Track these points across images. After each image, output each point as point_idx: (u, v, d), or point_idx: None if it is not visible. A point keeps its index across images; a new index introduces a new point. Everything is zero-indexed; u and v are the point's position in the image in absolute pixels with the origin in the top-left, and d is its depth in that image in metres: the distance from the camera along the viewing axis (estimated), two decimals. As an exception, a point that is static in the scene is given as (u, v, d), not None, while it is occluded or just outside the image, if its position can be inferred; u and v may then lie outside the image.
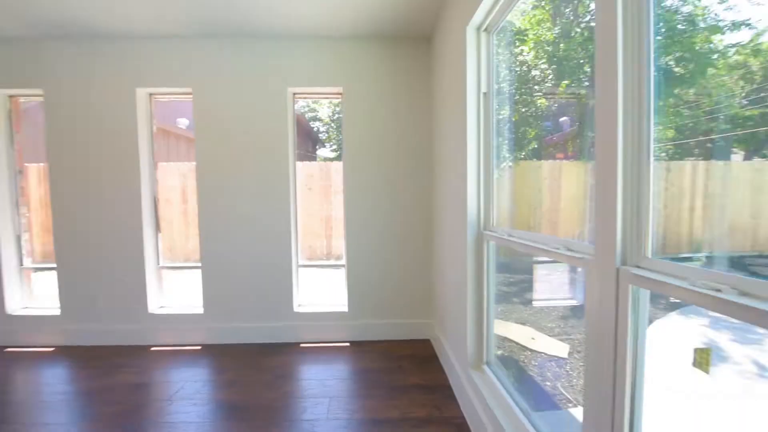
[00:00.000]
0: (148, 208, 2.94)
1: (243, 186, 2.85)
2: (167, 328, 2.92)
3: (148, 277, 2.92)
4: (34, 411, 2.07)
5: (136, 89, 2.83)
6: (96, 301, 2.91)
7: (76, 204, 2.87)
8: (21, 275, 3.05)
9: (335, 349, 2.78)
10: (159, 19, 2.49)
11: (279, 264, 2.89)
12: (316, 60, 2.80)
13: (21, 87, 2.86)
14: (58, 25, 2.58)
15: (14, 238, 3.01)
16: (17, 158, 3.03)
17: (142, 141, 2.87)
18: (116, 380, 2.37)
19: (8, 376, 2.49)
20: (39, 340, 2.94)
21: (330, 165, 3.40)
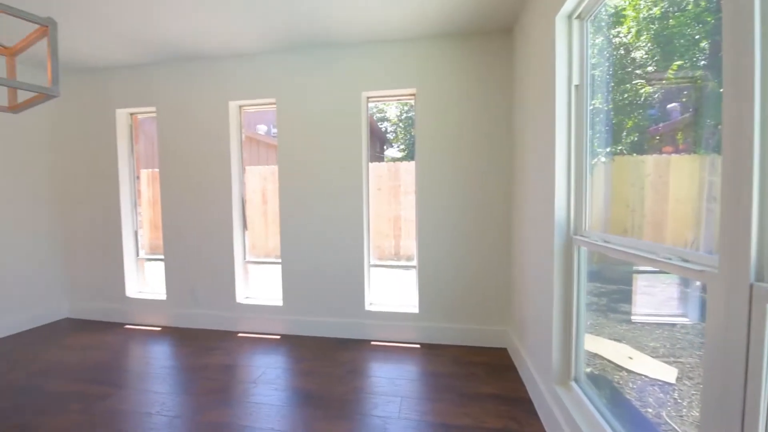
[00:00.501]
0: (237, 208, 3.23)
1: (320, 187, 3.00)
2: (251, 317, 3.18)
3: (237, 270, 3.21)
4: (144, 379, 2.40)
5: (229, 102, 3.14)
6: (195, 290, 3.28)
7: (180, 204, 3.27)
8: (137, 264, 3.57)
9: (405, 350, 2.78)
10: (248, 39, 2.73)
11: (352, 263, 2.97)
12: (389, 63, 2.84)
13: (139, 105, 3.35)
14: (167, 52, 2.98)
15: (132, 233, 3.53)
16: (136, 165, 3.56)
17: (233, 148, 3.18)
18: (210, 360, 2.65)
19: (126, 348, 2.91)
20: (149, 320, 3.40)
21: (399, 165, 3.42)
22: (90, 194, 3.49)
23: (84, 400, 2.15)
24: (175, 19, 2.43)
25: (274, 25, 2.53)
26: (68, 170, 3.53)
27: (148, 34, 2.67)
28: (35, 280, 3.39)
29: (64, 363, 2.65)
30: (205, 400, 2.14)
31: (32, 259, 3.37)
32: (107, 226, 3.47)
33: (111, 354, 2.80)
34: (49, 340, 3.06)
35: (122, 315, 3.47)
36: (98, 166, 3.45)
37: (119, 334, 3.19)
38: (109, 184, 3.43)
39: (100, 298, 3.54)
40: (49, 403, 2.13)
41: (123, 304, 3.48)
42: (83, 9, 2.29)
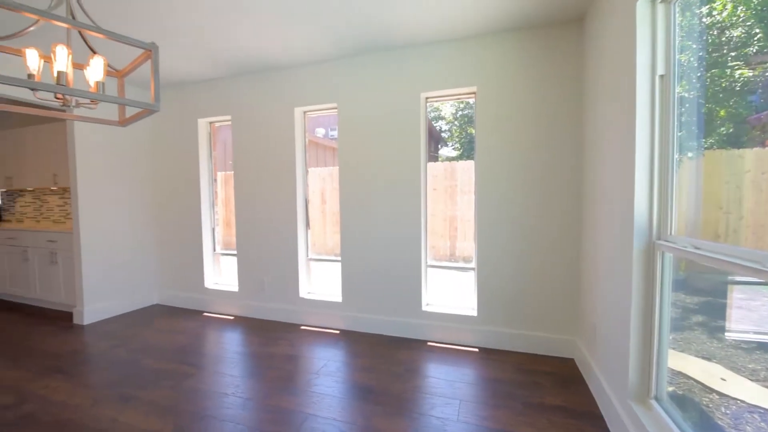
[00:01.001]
0: (301, 208, 3.43)
1: (378, 188, 3.06)
2: (313, 312, 3.35)
3: (300, 266, 3.41)
4: (220, 363, 2.64)
5: (294, 108, 3.33)
6: (263, 283, 3.54)
7: (251, 204, 3.55)
8: (213, 258, 3.94)
9: (463, 353, 2.73)
10: (313, 49, 2.87)
11: (409, 263, 3.00)
12: (449, 62, 2.81)
13: (217, 115, 3.69)
14: (241, 65, 3.25)
15: (210, 230, 3.91)
16: (213, 169, 3.92)
17: (298, 151, 3.37)
18: (276, 350, 2.84)
19: (204, 334, 3.23)
20: (223, 309, 3.74)
21: (455, 165, 3.36)
22: (177, 195, 3.93)
23: (173, 378, 2.43)
24: (248, 37, 2.64)
25: (338, 33, 2.64)
26: (161, 174, 4.01)
27: (226, 52, 2.94)
28: (135, 271, 3.90)
29: (156, 343, 3.01)
30: (272, 386, 2.30)
31: (133, 252, 3.88)
32: (189, 224, 3.88)
33: (192, 338, 3.13)
34: (144, 323, 3.50)
35: (201, 304, 3.85)
36: (183, 170, 3.87)
37: (199, 321, 3.55)
38: (191, 186, 3.84)
39: (183, 288, 3.97)
40: (146, 377, 2.44)
41: (202, 294, 3.86)
42: (174, 34, 2.59)
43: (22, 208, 5.22)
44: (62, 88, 1.35)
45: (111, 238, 3.69)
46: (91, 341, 3.08)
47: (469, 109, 3.32)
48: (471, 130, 3.45)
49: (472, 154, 3.31)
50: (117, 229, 3.74)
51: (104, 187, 3.62)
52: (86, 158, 3.47)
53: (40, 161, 4.52)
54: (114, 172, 3.71)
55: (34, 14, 1.26)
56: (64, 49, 1.44)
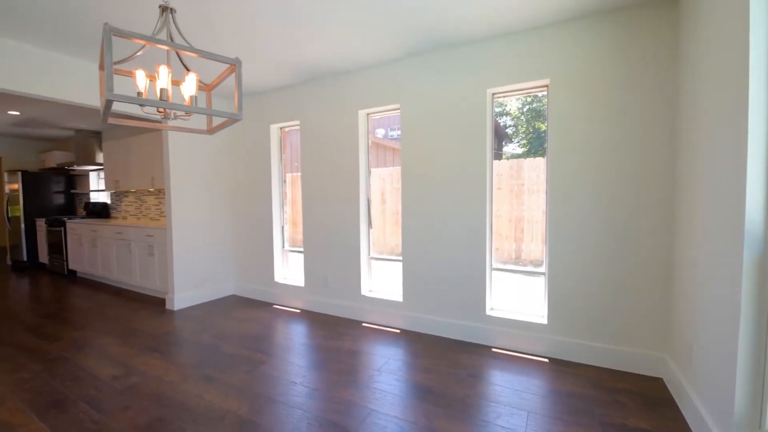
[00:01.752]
0: (364, 208, 3.51)
1: (441, 188, 3.03)
2: (374, 310, 3.42)
3: (362, 265, 3.49)
4: (288, 352, 2.81)
5: (358, 111, 3.42)
6: (327, 280, 3.69)
7: (317, 203, 3.72)
8: (282, 255, 4.20)
9: (531, 362, 2.59)
10: (376, 52, 2.92)
11: (472, 265, 2.92)
12: (518, 55, 2.68)
13: (287, 120, 3.93)
14: (308, 73, 3.42)
15: (280, 228, 4.17)
16: (283, 170, 4.18)
17: (361, 153, 3.46)
18: (340, 344, 2.94)
19: (274, 324, 3.46)
20: (291, 303, 3.97)
21: (523, 162, 3.18)
22: (251, 195, 4.26)
23: (248, 363, 2.64)
24: (317, 47, 2.77)
25: (404, 34, 2.66)
26: (237, 176, 4.39)
27: (296, 61, 3.11)
28: (215, 264, 4.32)
29: (233, 331, 3.30)
30: (336, 379, 2.39)
31: (214, 248, 4.30)
32: (262, 222, 4.18)
33: (264, 328, 3.37)
34: (222, 312, 3.86)
35: (271, 296, 4.14)
36: (256, 172, 4.19)
37: (269, 312, 3.82)
38: (263, 187, 4.13)
39: (256, 281, 4.30)
40: (225, 361, 2.69)
41: (272, 287, 4.14)
42: (251, 48, 2.81)
43: (126, 207, 6.05)
44: (164, 103, 1.53)
45: (196, 234, 4.12)
46: (180, 325, 3.47)
47: (537, 102, 3.13)
48: (540, 125, 3.26)
49: (540, 151, 3.12)
50: (201, 227, 4.17)
51: (191, 188, 4.06)
52: (177, 163, 3.92)
53: (141, 166, 5.20)
54: (198, 175, 4.14)
55: (143, 40, 1.44)
56: (166, 68, 1.64)
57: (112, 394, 2.24)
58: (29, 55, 2.81)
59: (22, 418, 2.01)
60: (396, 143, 3.75)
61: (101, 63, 1.62)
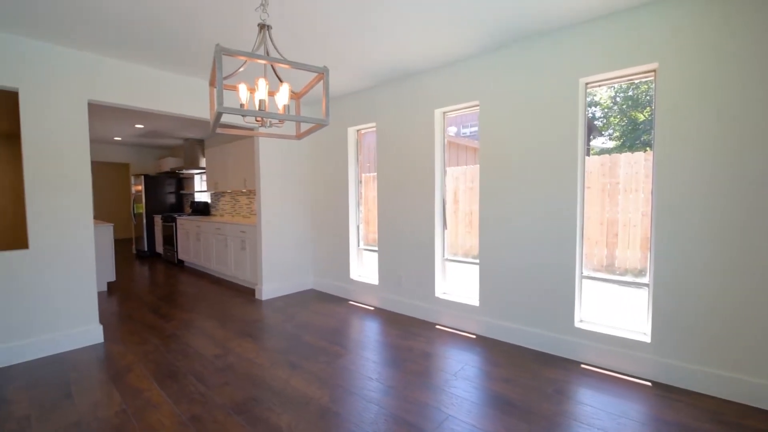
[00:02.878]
0: (439, 209, 3.47)
1: (525, 187, 2.85)
2: (448, 312, 3.35)
3: (437, 266, 3.45)
4: (364, 348, 2.89)
5: (434, 110, 3.39)
6: (401, 279, 3.73)
7: (392, 203, 3.78)
8: (358, 253, 4.34)
9: (629, 384, 2.31)
10: (452, 49, 2.85)
11: (559, 271, 2.70)
12: (616, 39, 2.40)
13: (364, 123, 4.05)
14: (385, 74, 3.47)
15: (356, 227, 4.32)
16: (359, 171, 4.33)
17: (437, 152, 3.42)
18: (414, 344, 2.95)
19: (350, 320, 3.59)
20: (365, 300, 4.09)
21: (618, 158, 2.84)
22: (329, 195, 4.49)
23: (327, 355, 2.78)
24: (394, 49, 2.80)
25: (482, 26, 2.56)
26: (317, 177, 4.66)
27: (373, 64, 3.19)
28: (297, 260, 4.64)
29: (313, 323, 3.50)
30: (411, 379, 2.40)
31: (296, 244, 4.62)
32: (339, 221, 4.38)
33: (341, 322, 3.52)
34: (303, 304, 4.13)
35: (347, 292, 4.31)
36: (334, 173, 4.40)
37: (345, 307, 3.98)
38: (341, 187, 4.32)
39: (333, 277, 4.52)
40: (307, 351, 2.87)
41: (348, 284, 4.32)
42: (331, 55, 2.95)
43: (223, 205, 6.81)
44: (263, 112, 1.68)
45: (281, 231, 4.47)
46: (267, 314, 3.79)
47: (634, 89, 2.78)
48: (637, 115, 2.90)
49: (637, 145, 2.77)
50: (285, 224, 4.51)
51: (277, 189, 4.41)
52: (266, 167, 4.29)
53: (235, 170, 5.81)
54: (283, 177, 4.48)
55: (246, 56, 1.60)
56: (264, 81, 1.80)
57: (213, 371, 2.54)
58: (150, 76, 3.31)
59: (146, 383, 2.38)
60: (469, 141, 3.63)
61: (211, 80, 1.84)
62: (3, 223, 6.63)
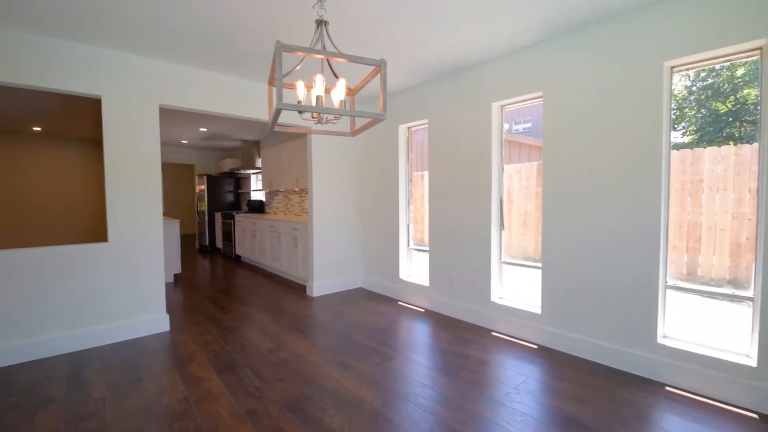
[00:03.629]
0: (496, 208, 3.27)
1: (597, 186, 2.58)
2: (505, 319, 3.15)
3: (492, 268, 3.26)
4: (416, 351, 2.79)
5: (492, 104, 3.19)
6: (453, 281, 3.58)
7: (444, 202, 3.64)
8: (407, 253, 4.25)
9: (727, 414, 1.98)
10: (512, 37, 2.65)
11: (638, 279, 2.40)
12: (710, 13, 2.07)
13: (415, 120, 3.94)
14: (437, 69, 3.33)
15: (405, 226, 4.23)
16: (409, 169, 4.23)
17: (494, 148, 3.23)
18: (469, 351, 2.79)
19: (400, 321, 3.51)
20: (415, 301, 3.99)
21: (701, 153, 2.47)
22: (378, 193, 4.45)
23: (378, 356, 2.72)
24: (447, 42, 2.67)
25: (546, 11, 2.35)
26: (367, 175, 4.64)
27: (426, 59, 3.07)
28: (346, 258, 4.66)
29: (362, 322, 3.47)
30: (468, 389, 2.25)
31: (345, 242, 4.64)
32: (388, 220, 4.32)
33: (390, 323, 3.45)
34: (352, 303, 4.12)
35: (396, 293, 4.24)
36: (384, 171, 4.34)
37: (394, 308, 3.91)
38: (391, 186, 4.26)
39: (382, 277, 4.47)
40: (357, 350, 2.83)
41: (397, 284, 4.24)
42: (384, 51, 2.88)
43: (276, 204, 7.07)
44: (321, 108, 1.65)
45: (331, 229, 4.51)
46: (318, 311, 3.83)
47: (714, 77, 2.41)
48: (717, 105, 2.54)
49: (717, 139, 2.41)
50: (335, 223, 4.54)
51: (328, 187, 4.45)
52: (318, 166, 4.35)
53: (288, 169, 5.99)
54: (334, 176, 4.51)
55: (305, 52, 1.57)
56: (321, 77, 1.77)
57: (268, 365, 2.58)
58: (213, 81, 3.47)
59: (206, 373, 2.48)
60: (523, 137, 3.38)
61: (270, 78, 1.85)
62: (93, 218, 7.44)
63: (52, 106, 4.92)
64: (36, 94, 4.31)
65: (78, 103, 4.64)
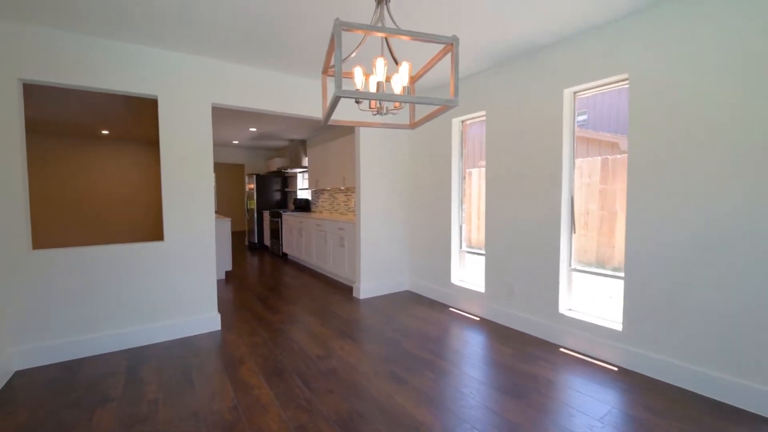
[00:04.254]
0: (566, 207, 2.90)
1: (703, 179, 2.16)
2: (576, 333, 2.78)
3: (561, 276, 2.90)
4: (473, 367, 2.52)
5: (563, 90, 2.83)
6: (513, 289, 3.25)
7: (504, 201, 3.31)
8: (460, 255, 3.97)
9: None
10: (593, 11, 2.28)
11: (761, 296, 1.96)
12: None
13: (470, 112, 3.64)
14: (499, 54, 3.01)
15: (458, 226, 3.95)
16: (463, 166, 3.93)
17: (565, 140, 2.86)
18: (535, 370, 2.48)
19: (453, 329, 3.24)
20: (469, 308, 3.70)
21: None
22: (428, 192, 4.20)
23: (433, 370, 2.49)
24: (522, 19, 2.36)
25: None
26: (416, 173, 4.41)
27: (490, 44, 2.77)
28: (393, 259, 4.47)
29: (412, 328, 3.25)
30: (542, 418, 1.96)
31: (392, 243, 4.45)
32: (439, 220, 4.06)
33: (443, 331, 3.20)
34: (400, 307, 3.92)
35: (447, 297, 3.97)
36: (435, 168, 4.09)
37: (446, 314, 3.65)
38: (442, 183, 3.99)
39: (431, 280, 4.22)
40: (410, 362, 2.61)
41: (448, 288, 3.98)
42: (445, 31, 2.63)
43: (322, 202, 7.05)
44: (384, 94, 1.45)
45: (379, 229, 4.34)
46: (366, 314, 3.67)
47: None
48: None
49: None
50: (383, 222, 4.36)
51: (375, 185, 4.28)
52: (366, 163, 4.19)
53: (335, 168, 5.91)
54: (382, 174, 4.33)
55: (364, 30, 1.38)
56: (382, 60, 1.57)
57: (317, 374, 2.45)
58: (264, 78, 3.41)
59: (256, 380, 2.39)
60: (581, 131, 2.95)
61: (325, 66, 1.68)
62: (154, 217, 7.91)
63: (119, 111, 5.21)
64: (105, 100, 4.56)
65: (140, 107, 4.86)
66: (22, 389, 2.29)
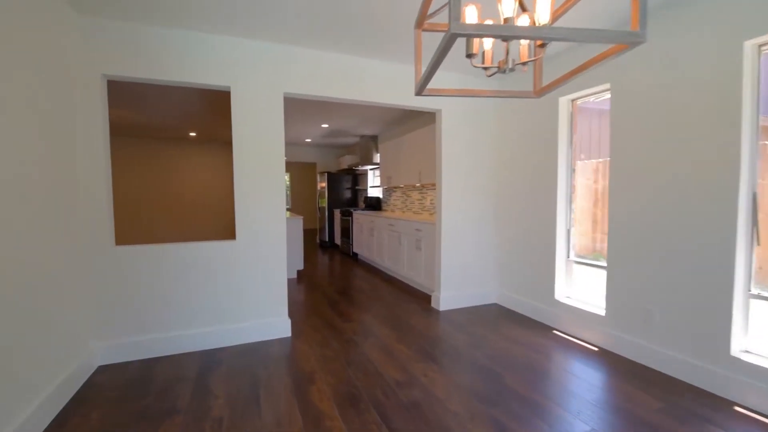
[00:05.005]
0: (744, 208, 2.06)
1: None
2: (755, 385, 1.94)
3: (735, 303, 2.07)
4: (601, 419, 1.86)
5: (744, 43, 2.00)
6: (651, 316, 2.46)
7: (636, 199, 2.54)
8: (566, 266, 3.23)
9: None
10: None
11: None
12: None
13: (586, 87, 2.90)
14: None
15: (565, 231, 3.21)
16: (572, 157, 3.19)
17: (745, 115, 2.02)
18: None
19: (565, 362, 2.56)
20: (580, 334, 2.96)
21: None
22: (523, 189, 3.52)
23: (549, 422, 1.89)
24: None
25: None
26: (505, 167, 3.75)
27: None
28: (478, 267, 3.87)
29: (510, 355, 2.65)
30: None
31: (477, 248, 3.85)
32: (537, 222, 3.36)
33: (551, 362, 2.55)
34: (489, 324, 3.31)
35: (549, 317, 3.27)
36: (532, 160, 3.40)
37: (549, 339, 2.97)
38: (542, 179, 3.29)
39: (526, 294, 3.54)
40: (515, 405, 2.03)
41: (549, 305, 3.27)
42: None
43: (394, 201, 6.66)
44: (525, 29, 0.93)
45: (462, 232, 3.77)
46: (449, 331, 3.15)
47: None
48: None
49: None
50: (466, 223, 3.79)
51: (458, 181, 3.72)
52: (448, 154, 3.65)
53: (409, 163, 5.46)
54: (466, 167, 3.76)
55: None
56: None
57: (398, 408, 2.01)
58: (341, 64, 3.08)
59: (327, 406, 2.03)
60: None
61: (420, 19, 1.21)
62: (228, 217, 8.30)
63: (205, 114, 5.39)
64: (192, 102, 4.69)
65: (222, 108, 4.93)
66: (99, 389, 2.22)
